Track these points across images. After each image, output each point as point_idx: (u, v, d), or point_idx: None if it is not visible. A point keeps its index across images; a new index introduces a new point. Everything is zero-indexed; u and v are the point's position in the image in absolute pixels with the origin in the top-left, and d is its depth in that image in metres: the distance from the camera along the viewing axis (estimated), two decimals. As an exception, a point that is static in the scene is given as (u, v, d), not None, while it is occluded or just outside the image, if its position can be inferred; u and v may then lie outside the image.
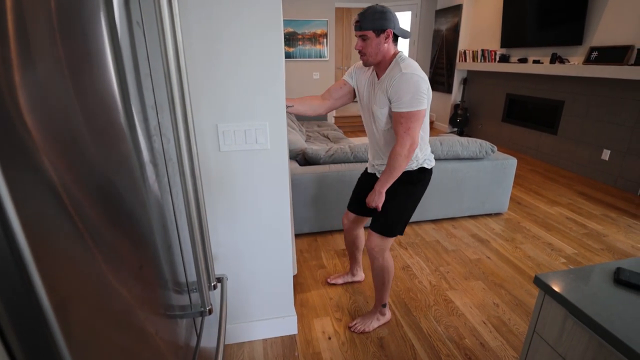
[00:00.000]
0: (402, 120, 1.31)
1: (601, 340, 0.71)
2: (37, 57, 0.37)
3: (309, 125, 4.41)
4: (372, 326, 1.69)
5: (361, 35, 1.34)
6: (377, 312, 1.70)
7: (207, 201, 1.31)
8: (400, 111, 1.31)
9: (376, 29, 1.31)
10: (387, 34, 1.32)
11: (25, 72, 0.35)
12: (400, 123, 1.32)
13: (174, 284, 0.77)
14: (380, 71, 1.40)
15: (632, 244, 2.48)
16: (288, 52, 5.51)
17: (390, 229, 1.52)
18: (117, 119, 0.56)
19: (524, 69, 4.27)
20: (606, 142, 3.55)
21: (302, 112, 1.56)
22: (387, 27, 1.31)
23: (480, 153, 2.64)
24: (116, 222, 0.52)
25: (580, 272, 0.89)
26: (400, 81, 1.28)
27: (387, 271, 1.59)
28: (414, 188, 1.51)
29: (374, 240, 1.53)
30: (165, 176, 0.73)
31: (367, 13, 1.30)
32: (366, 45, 1.34)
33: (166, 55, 0.63)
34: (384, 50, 1.34)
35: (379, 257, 1.56)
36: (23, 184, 0.33)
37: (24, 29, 0.35)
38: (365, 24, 1.31)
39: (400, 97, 1.29)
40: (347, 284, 2.04)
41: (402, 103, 1.29)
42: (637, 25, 3.14)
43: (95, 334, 0.43)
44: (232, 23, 1.12)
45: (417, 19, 6.52)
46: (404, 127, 1.32)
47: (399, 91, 1.29)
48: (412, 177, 1.48)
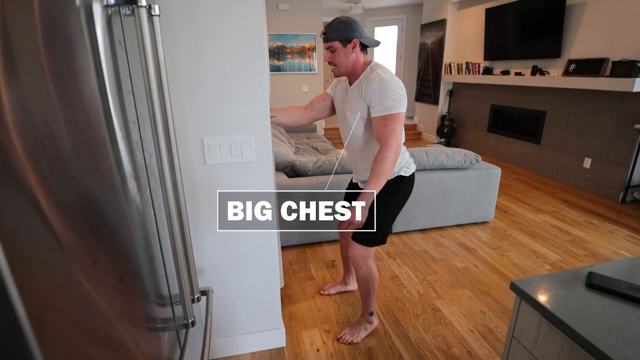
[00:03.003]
0: (387, 122, 1.30)
1: (573, 343, 0.74)
2: (22, 73, 0.39)
3: (298, 137, 4.45)
4: (360, 337, 1.69)
5: (329, 47, 1.37)
6: (365, 322, 1.71)
7: (193, 214, 1.32)
8: (385, 114, 1.30)
9: (342, 40, 1.34)
10: (354, 44, 1.35)
11: (10, 86, 0.37)
12: (385, 126, 1.31)
13: (156, 296, 0.77)
14: (352, 79, 1.44)
15: (614, 249, 2.54)
16: (277, 65, 5.59)
17: (371, 239, 1.51)
18: (98, 133, 0.58)
19: (506, 80, 4.40)
20: (587, 150, 3.66)
21: (284, 122, 1.60)
22: (353, 37, 1.34)
23: (465, 163, 2.70)
24: (96, 234, 0.53)
25: (554, 278, 0.92)
26: (381, 85, 1.30)
27: (371, 279, 1.60)
28: (391, 198, 1.49)
29: (356, 250, 1.54)
30: (147, 189, 0.75)
31: (333, 25, 1.34)
32: (334, 56, 1.38)
33: (147, 72, 0.65)
34: (353, 60, 1.37)
35: (362, 266, 1.56)
36: (0, 193, 0.34)
37: (9, 46, 0.37)
38: (331, 35, 1.34)
39: (383, 101, 1.30)
40: (337, 295, 2.04)
41: (386, 106, 1.30)
42: (610, 39, 3.28)
43: (71, 345, 0.44)
44: (216, 38, 1.15)
45: (403, 33, 6.69)
46: (389, 129, 1.30)
47: (381, 95, 1.30)
48: (390, 186, 1.46)
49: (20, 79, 0.39)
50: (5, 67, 0.37)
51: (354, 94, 1.40)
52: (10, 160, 0.36)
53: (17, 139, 0.37)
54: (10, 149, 0.36)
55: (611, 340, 0.70)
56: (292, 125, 1.60)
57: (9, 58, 0.37)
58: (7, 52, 0.37)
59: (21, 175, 0.38)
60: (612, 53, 3.26)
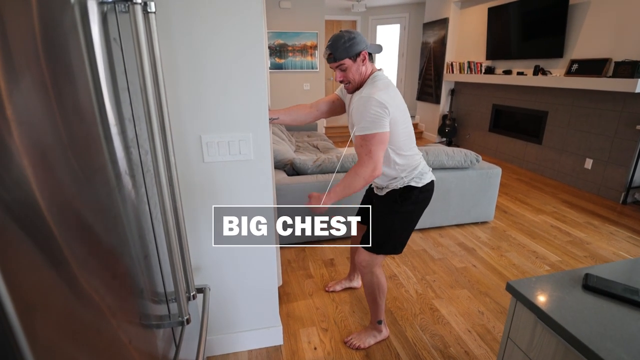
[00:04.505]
0: (363, 143, 1.28)
1: (567, 345, 0.73)
2: (18, 69, 0.39)
3: (299, 135, 4.44)
4: (367, 343, 1.65)
5: (338, 66, 1.33)
6: (374, 329, 1.68)
7: (190, 212, 1.32)
8: (361, 134, 1.28)
9: (351, 56, 1.30)
10: (363, 56, 1.32)
11: (6, 81, 0.37)
12: (362, 146, 1.29)
13: (151, 293, 0.78)
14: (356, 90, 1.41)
15: (614, 250, 2.53)
16: (279, 63, 5.58)
17: (377, 246, 1.48)
18: (93, 130, 0.58)
19: (508, 80, 4.39)
20: (588, 151, 3.65)
21: (287, 122, 1.58)
22: (361, 50, 1.31)
23: (465, 162, 2.69)
24: (88, 230, 0.53)
25: (551, 279, 0.91)
26: (362, 104, 1.27)
27: (377, 287, 1.56)
28: (400, 206, 1.45)
29: (362, 255, 1.52)
30: (142, 187, 0.75)
31: (337, 44, 1.29)
32: (346, 74, 1.34)
33: (142, 69, 0.65)
34: (363, 72, 1.35)
35: (367, 273, 1.54)
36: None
37: (7, 43, 0.37)
38: (340, 55, 1.29)
39: (359, 121, 1.28)
40: (336, 293, 2.04)
41: (362, 127, 1.27)
42: (613, 39, 3.26)
43: (62, 340, 0.44)
44: (215, 35, 1.15)
45: (405, 31, 6.67)
46: (365, 149, 1.28)
47: (360, 114, 1.27)
48: (396, 195, 1.45)
49: (17, 75, 0.39)
50: (3, 63, 0.37)
51: (349, 110, 1.38)
52: (4, 154, 0.36)
53: (15, 132, 0.37)
54: (11, 143, 0.37)
55: (606, 343, 0.69)
56: (295, 125, 1.59)
57: (7, 55, 0.37)
58: (5, 48, 0.37)
59: (14, 169, 0.38)
60: (615, 53, 3.24)
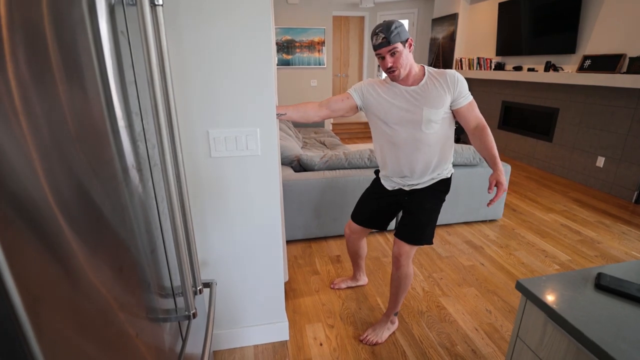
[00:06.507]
0: (474, 106, 1.46)
1: (579, 345, 0.72)
2: (28, 62, 0.39)
3: (306, 131, 4.44)
4: (384, 337, 1.67)
5: (390, 51, 1.33)
6: (388, 321, 1.69)
7: (198, 206, 1.32)
8: (469, 100, 1.45)
9: (403, 41, 1.33)
10: (410, 42, 1.36)
11: (18, 77, 0.37)
12: (474, 109, 1.46)
13: (158, 287, 0.78)
14: (409, 80, 1.42)
15: (626, 250, 2.48)
16: (286, 59, 5.57)
17: (421, 236, 1.51)
18: (100, 124, 0.58)
19: (519, 76, 4.31)
20: (600, 149, 3.58)
21: (295, 119, 1.56)
22: (409, 36, 1.36)
23: (474, 160, 2.66)
24: (96, 223, 0.53)
25: (562, 278, 0.90)
26: (460, 78, 1.42)
27: (409, 278, 1.59)
28: (444, 195, 1.56)
29: (403, 248, 1.51)
30: (149, 181, 0.75)
31: (389, 27, 1.30)
32: (396, 59, 1.34)
33: (149, 63, 0.65)
34: (411, 60, 1.39)
35: (404, 265, 1.54)
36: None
37: (17, 37, 0.37)
38: (394, 38, 1.31)
39: (466, 91, 1.44)
40: (342, 290, 2.04)
41: (467, 94, 1.44)
42: (628, 34, 3.18)
43: (69, 333, 0.44)
44: (223, 30, 1.14)
45: (414, 27, 6.59)
46: (478, 112, 1.47)
47: (464, 87, 1.42)
48: (447, 184, 1.55)
49: (26, 68, 0.39)
50: (12, 56, 0.36)
51: (432, 90, 1.40)
52: (13, 147, 0.36)
53: (24, 125, 0.37)
54: (19, 136, 0.36)
55: (620, 344, 0.68)
56: (303, 122, 1.59)
57: (16, 48, 0.37)
58: (15, 41, 0.37)
59: (22, 162, 0.38)
60: (630, 49, 3.17)
